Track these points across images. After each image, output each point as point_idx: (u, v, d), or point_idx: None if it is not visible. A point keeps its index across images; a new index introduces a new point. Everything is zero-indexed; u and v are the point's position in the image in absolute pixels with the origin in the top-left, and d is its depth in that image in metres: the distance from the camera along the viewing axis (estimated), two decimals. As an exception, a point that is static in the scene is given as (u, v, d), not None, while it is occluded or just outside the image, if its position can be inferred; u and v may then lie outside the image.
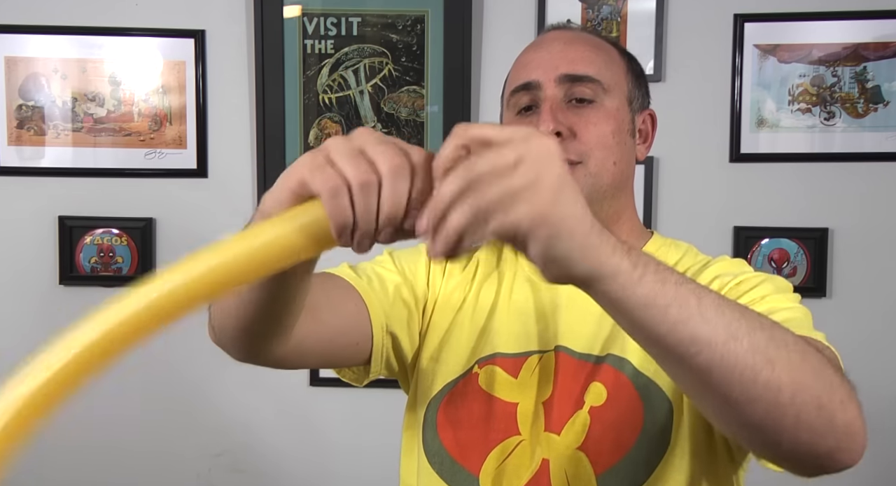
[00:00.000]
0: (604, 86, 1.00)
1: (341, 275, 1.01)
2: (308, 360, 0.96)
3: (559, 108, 0.98)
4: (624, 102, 1.02)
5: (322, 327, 0.91)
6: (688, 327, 0.63)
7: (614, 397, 0.95)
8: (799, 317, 0.88)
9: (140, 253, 2.00)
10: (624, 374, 0.95)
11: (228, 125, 2.00)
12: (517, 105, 1.02)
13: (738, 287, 0.93)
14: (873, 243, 1.95)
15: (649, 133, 1.08)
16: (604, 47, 1.04)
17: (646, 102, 1.08)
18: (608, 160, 0.98)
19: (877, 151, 1.93)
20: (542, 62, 1.01)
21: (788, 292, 0.95)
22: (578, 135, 0.98)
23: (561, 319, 1.00)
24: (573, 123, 0.98)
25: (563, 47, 1.01)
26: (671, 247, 1.06)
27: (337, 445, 2.04)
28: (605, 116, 0.99)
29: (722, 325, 0.63)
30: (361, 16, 1.95)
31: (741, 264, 1.02)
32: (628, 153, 1.02)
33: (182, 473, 2.04)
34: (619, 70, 1.04)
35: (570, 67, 0.99)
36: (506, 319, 1.02)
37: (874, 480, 1.98)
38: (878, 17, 1.91)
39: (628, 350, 0.96)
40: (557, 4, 1.94)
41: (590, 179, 0.97)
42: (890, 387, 1.96)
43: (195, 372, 2.03)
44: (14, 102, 1.98)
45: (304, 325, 0.88)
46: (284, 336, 0.87)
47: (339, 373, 1.08)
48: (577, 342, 0.98)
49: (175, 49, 1.98)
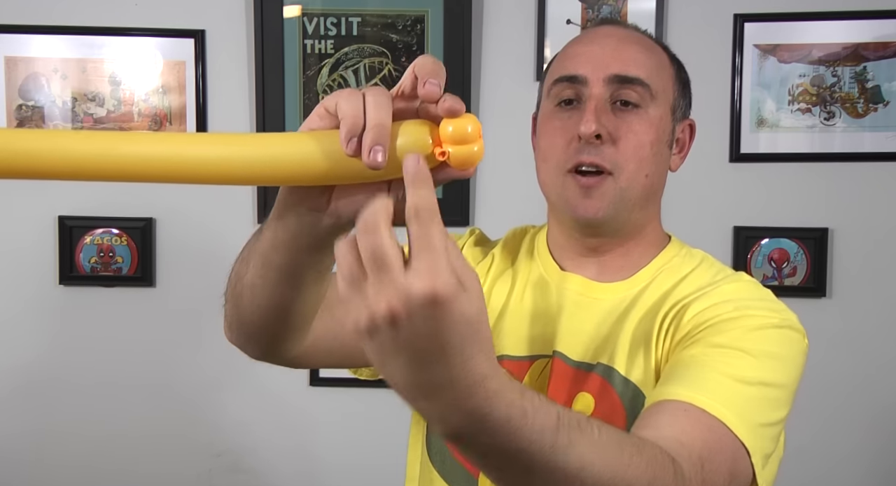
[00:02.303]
0: (652, 91, 0.96)
1: None
2: (324, 358, 0.95)
3: (603, 108, 0.95)
4: (668, 111, 0.99)
5: (338, 324, 0.91)
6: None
7: (600, 408, 0.94)
8: (750, 393, 0.84)
9: (140, 253, 2.00)
10: (611, 384, 0.94)
11: (228, 125, 1.99)
12: (559, 97, 0.98)
13: (719, 326, 0.89)
14: (873, 243, 1.96)
15: (686, 143, 1.05)
16: (656, 51, 1.01)
17: (688, 111, 1.05)
18: (640, 173, 0.95)
19: (877, 151, 1.93)
20: (592, 57, 0.97)
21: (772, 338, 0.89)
22: (618, 142, 0.94)
23: (561, 324, 0.99)
24: (615, 128, 0.94)
25: (617, 45, 0.97)
26: (685, 257, 1.02)
27: (337, 445, 2.04)
28: (648, 125, 0.96)
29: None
30: (361, 16, 1.95)
31: (753, 289, 0.96)
32: (662, 164, 0.99)
33: (182, 473, 2.04)
34: (668, 76, 1.00)
35: (622, 68, 0.95)
36: (515, 321, 1.02)
37: (874, 480, 1.98)
38: (878, 17, 1.91)
39: (616, 359, 0.95)
40: (557, 4, 1.94)
41: (619, 192, 0.95)
42: (890, 387, 1.96)
43: (195, 372, 2.03)
44: (14, 102, 1.97)
45: (321, 322, 0.88)
46: (302, 332, 0.87)
47: (355, 372, 1.08)
48: (573, 350, 0.97)
49: (175, 49, 1.98)
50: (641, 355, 0.94)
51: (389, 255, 0.52)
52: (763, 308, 0.91)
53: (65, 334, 2.03)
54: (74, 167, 0.61)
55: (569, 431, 0.61)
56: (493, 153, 1.21)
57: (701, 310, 0.91)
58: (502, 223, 1.16)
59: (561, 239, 1.03)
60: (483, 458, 0.62)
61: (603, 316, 0.98)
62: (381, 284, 0.53)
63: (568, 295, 1.01)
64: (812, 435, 1.95)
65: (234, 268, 0.84)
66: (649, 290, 0.99)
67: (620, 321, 0.97)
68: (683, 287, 0.97)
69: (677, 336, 0.92)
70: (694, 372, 0.84)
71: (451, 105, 0.61)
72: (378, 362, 0.56)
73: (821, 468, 1.96)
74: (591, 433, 0.64)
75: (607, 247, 1.00)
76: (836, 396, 1.96)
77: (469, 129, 0.60)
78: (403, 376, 0.56)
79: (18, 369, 2.03)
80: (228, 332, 0.89)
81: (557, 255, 1.04)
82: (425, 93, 0.62)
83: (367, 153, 0.60)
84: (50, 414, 2.03)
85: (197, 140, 0.63)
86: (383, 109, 0.61)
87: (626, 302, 0.99)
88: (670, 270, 1.00)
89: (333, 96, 0.64)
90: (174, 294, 2.02)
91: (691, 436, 0.77)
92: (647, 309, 0.97)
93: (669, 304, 0.95)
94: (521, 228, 1.13)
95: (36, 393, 2.03)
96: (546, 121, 1.00)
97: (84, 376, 2.02)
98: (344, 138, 0.61)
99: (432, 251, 0.53)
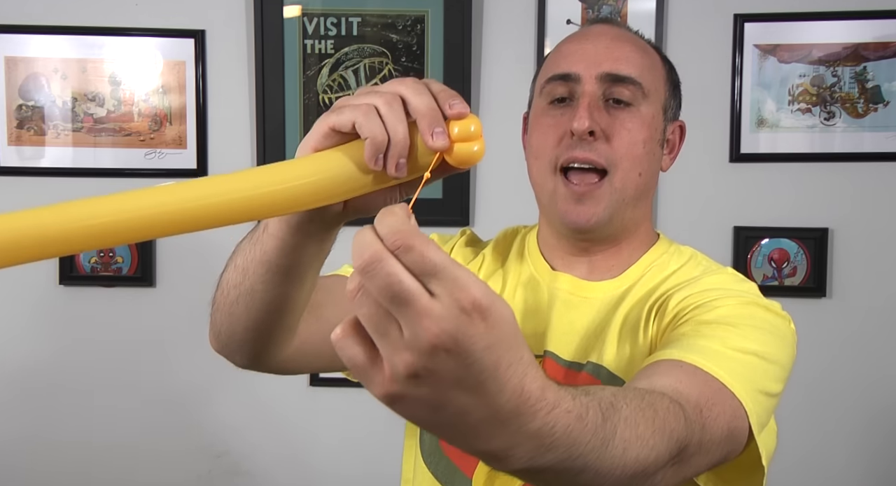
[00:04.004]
0: (644, 90, 0.97)
1: (342, 273, 1.01)
2: (312, 362, 0.95)
3: (596, 106, 0.95)
4: (659, 110, 1.00)
5: (325, 325, 0.90)
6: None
7: None
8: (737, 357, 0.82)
9: (140, 253, 2.00)
10: (600, 381, 0.94)
11: (228, 125, 2.00)
12: (551, 95, 0.99)
13: (706, 305, 0.88)
14: (873, 243, 1.95)
15: (676, 144, 1.06)
16: (648, 51, 1.01)
17: (678, 112, 1.05)
18: (634, 171, 0.96)
19: (877, 151, 1.93)
20: (585, 55, 0.97)
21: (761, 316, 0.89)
22: (611, 139, 0.95)
23: (552, 323, 0.99)
24: (608, 125, 0.95)
25: (610, 44, 0.98)
26: (674, 254, 1.03)
27: (337, 445, 2.04)
28: (640, 123, 0.96)
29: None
30: (361, 16, 1.95)
31: (737, 280, 0.97)
32: (655, 163, 1.00)
33: (182, 474, 2.04)
34: (660, 76, 1.01)
35: (614, 66, 0.96)
36: None
37: (873, 480, 1.98)
38: (878, 17, 1.91)
39: (605, 357, 0.95)
40: (557, 4, 1.94)
41: (615, 194, 0.95)
42: (889, 387, 1.96)
43: (195, 373, 2.03)
44: (14, 102, 1.97)
45: (307, 324, 0.87)
46: (289, 336, 0.86)
47: (347, 374, 1.07)
48: (564, 349, 0.98)
49: (175, 49, 1.98)
50: (628, 354, 0.94)
51: (406, 284, 0.45)
52: (748, 293, 0.92)
53: (65, 334, 2.03)
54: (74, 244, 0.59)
55: (610, 417, 0.59)
56: (492, 153, 1.20)
57: (687, 296, 0.92)
58: (502, 223, 1.16)
59: (552, 239, 1.04)
60: (537, 474, 0.56)
61: (593, 315, 0.99)
62: (415, 317, 0.45)
63: (558, 294, 1.01)
64: (811, 435, 1.95)
65: (225, 277, 0.83)
66: (637, 286, 0.99)
67: (608, 318, 0.97)
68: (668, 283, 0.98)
69: (664, 322, 0.92)
70: (686, 341, 0.82)
71: (460, 110, 0.62)
72: (431, 411, 0.49)
73: (819, 468, 1.96)
74: (622, 410, 0.62)
75: (599, 247, 1.01)
76: (835, 395, 1.96)
77: (472, 128, 0.63)
78: (468, 414, 0.49)
79: (18, 368, 2.03)
80: (216, 341, 0.89)
81: (548, 254, 1.04)
82: (455, 113, 0.63)
83: (392, 168, 0.63)
84: (50, 414, 2.03)
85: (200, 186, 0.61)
86: (402, 122, 0.62)
87: (614, 299, 0.99)
88: (659, 266, 1.01)
89: (341, 113, 0.64)
90: (174, 294, 2.02)
91: (687, 385, 0.74)
92: (633, 303, 0.97)
93: (656, 296, 0.96)
94: (513, 228, 1.13)
95: (36, 393, 2.03)
96: (538, 119, 1.00)
97: (84, 376, 2.02)
98: (371, 157, 0.62)
99: (445, 267, 0.46)
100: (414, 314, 0.45)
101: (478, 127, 0.63)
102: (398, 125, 0.62)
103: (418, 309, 0.45)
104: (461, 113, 0.62)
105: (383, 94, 0.63)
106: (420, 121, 0.62)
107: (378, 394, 0.49)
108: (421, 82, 0.64)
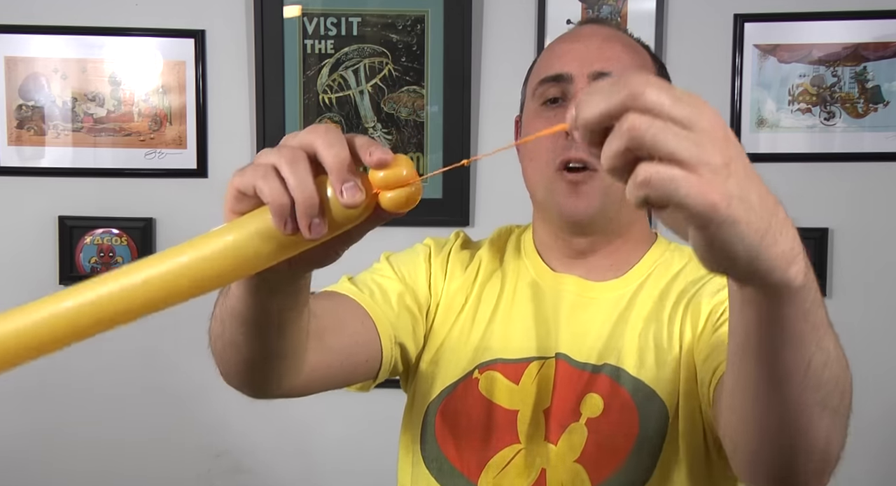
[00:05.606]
0: None
1: (342, 291, 0.99)
2: (319, 386, 0.93)
3: None
4: None
5: (331, 353, 0.89)
6: (816, 353, 0.61)
7: (610, 409, 0.94)
8: None
9: (140, 253, 2.00)
10: (620, 385, 0.94)
11: (228, 125, 2.00)
12: (544, 96, 0.99)
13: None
14: (873, 243, 1.96)
15: None
16: (639, 51, 1.02)
17: None
18: None
19: (877, 151, 1.93)
20: (577, 55, 0.98)
21: None
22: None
23: (562, 326, 0.99)
24: None
25: (601, 44, 0.99)
26: (675, 253, 1.03)
27: (337, 445, 2.04)
28: None
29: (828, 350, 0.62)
30: (361, 16, 1.95)
31: None
32: None
33: (182, 474, 2.04)
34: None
35: (605, 65, 0.96)
36: (508, 324, 1.01)
37: (874, 479, 1.98)
38: (878, 17, 1.91)
39: (624, 360, 0.95)
40: (557, 4, 1.94)
41: (604, 189, 0.95)
42: (890, 387, 1.96)
43: (195, 373, 2.02)
44: (14, 102, 1.98)
45: (313, 354, 0.85)
46: (297, 369, 0.84)
47: (356, 389, 1.06)
48: (577, 351, 0.97)
49: (175, 49, 1.98)
50: (652, 357, 0.94)
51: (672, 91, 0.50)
52: None
53: (65, 334, 2.03)
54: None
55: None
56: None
57: (714, 292, 0.93)
58: (502, 223, 1.16)
59: (548, 240, 1.04)
60: (800, 322, 0.58)
61: (604, 316, 0.98)
62: (696, 109, 0.49)
63: (565, 296, 1.00)
64: (812, 435, 1.95)
65: (211, 326, 0.81)
66: (646, 288, 0.99)
67: (623, 321, 0.97)
68: (679, 283, 0.98)
69: (699, 324, 0.93)
70: None
71: (380, 157, 0.57)
72: (746, 206, 0.51)
73: (821, 468, 1.96)
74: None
75: (595, 247, 1.01)
76: (836, 396, 1.96)
77: (404, 172, 0.58)
78: (764, 201, 0.54)
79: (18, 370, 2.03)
80: (224, 378, 0.88)
81: (545, 255, 1.04)
82: (374, 161, 0.57)
83: (306, 230, 0.57)
84: (50, 415, 2.03)
85: (132, 271, 0.61)
86: (304, 181, 0.56)
87: (624, 300, 0.99)
88: (663, 266, 1.01)
89: (244, 174, 0.58)
90: (174, 294, 2.02)
91: None
92: (648, 310, 0.97)
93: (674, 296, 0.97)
94: (507, 227, 1.13)
95: (35, 394, 2.03)
96: (531, 120, 1.00)
97: (84, 376, 2.02)
98: (279, 223, 0.57)
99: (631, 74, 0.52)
100: (694, 108, 0.49)
101: (410, 170, 0.58)
102: (301, 185, 0.56)
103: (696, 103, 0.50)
104: (381, 160, 0.57)
105: (285, 151, 0.58)
106: (329, 175, 0.56)
107: (708, 197, 0.50)
108: (335, 132, 0.58)
